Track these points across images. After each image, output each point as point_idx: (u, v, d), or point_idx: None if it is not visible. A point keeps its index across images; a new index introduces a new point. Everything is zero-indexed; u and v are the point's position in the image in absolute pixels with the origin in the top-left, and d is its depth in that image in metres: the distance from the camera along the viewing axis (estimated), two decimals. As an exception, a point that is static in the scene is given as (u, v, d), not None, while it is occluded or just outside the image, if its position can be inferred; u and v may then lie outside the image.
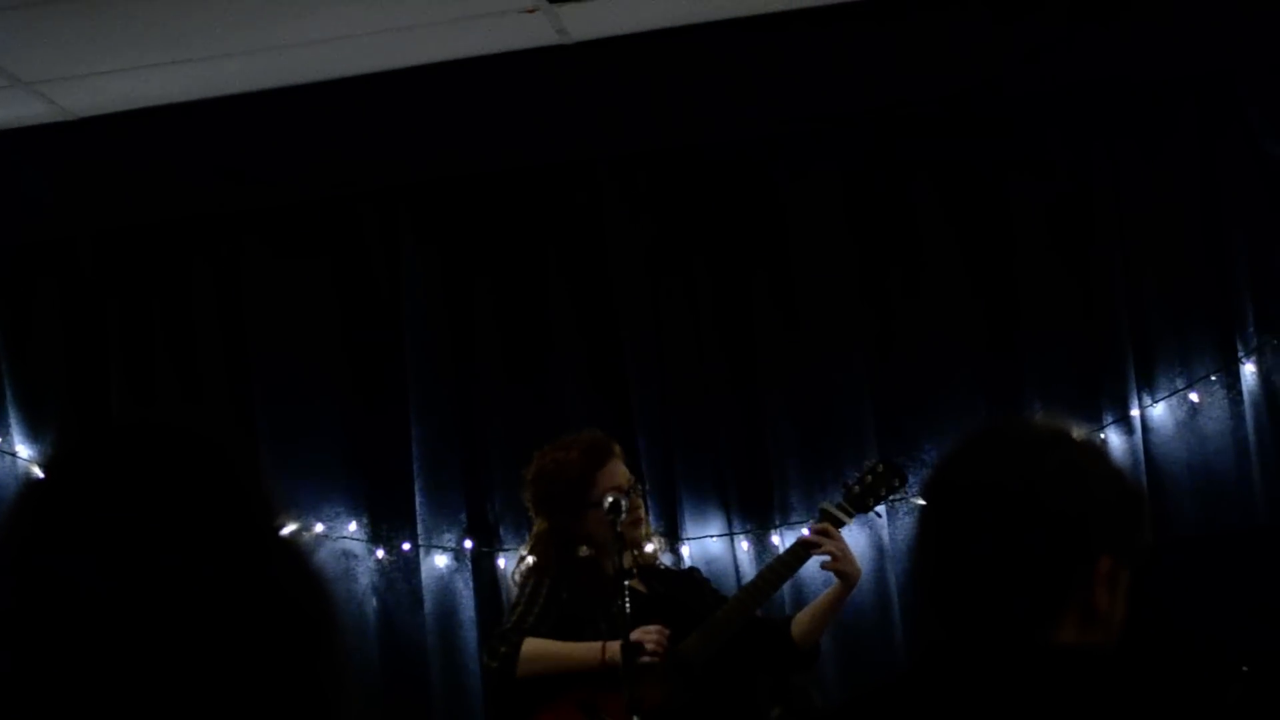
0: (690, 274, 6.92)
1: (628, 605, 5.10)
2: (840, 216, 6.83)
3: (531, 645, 5.35)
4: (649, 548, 5.74)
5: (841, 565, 5.46)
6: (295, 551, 1.85)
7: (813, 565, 5.63)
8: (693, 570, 6.04)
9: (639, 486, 5.65)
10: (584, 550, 5.48)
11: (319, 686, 1.79)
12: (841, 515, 5.57)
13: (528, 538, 5.80)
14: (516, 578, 5.71)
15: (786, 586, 5.98)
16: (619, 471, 5.54)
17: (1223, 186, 6.67)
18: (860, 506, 5.67)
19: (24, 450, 7.10)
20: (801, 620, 5.58)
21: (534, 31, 6.66)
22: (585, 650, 5.31)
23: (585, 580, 5.46)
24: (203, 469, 1.81)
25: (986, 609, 2.35)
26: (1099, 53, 6.67)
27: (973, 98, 6.74)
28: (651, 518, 6.29)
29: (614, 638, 5.26)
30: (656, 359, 6.89)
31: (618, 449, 5.64)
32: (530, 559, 5.63)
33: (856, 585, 5.58)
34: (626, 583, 5.19)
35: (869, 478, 5.70)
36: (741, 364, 6.86)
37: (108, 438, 1.87)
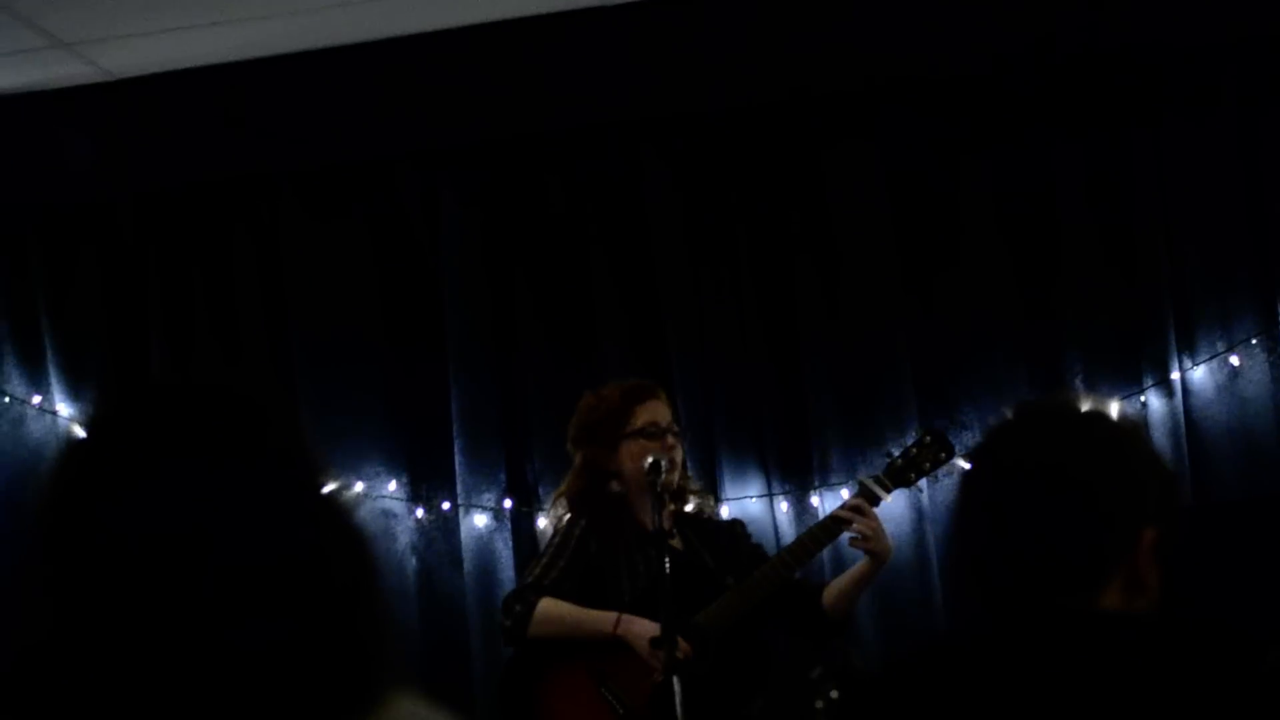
0: (731, 236, 6.90)
1: (668, 566, 5.04)
2: (881, 180, 6.81)
3: (546, 607, 5.33)
4: (692, 503, 5.67)
5: (871, 544, 5.33)
6: (337, 508, 1.85)
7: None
8: (735, 523, 5.93)
9: (678, 428, 5.56)
10: (615, 486, 5.43)
11: (360, 643, 1.79)
12: (879, 490, 5.44)
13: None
14: (550, 521, 5.66)
15: (826, 550, 5.90)
16: (659, 409, 5.49)
17: (1264, 151, 6.63)
18: (901, 481, 5.55)
19: (64, 409, 7.14)
20: (832, 591, 5.48)
21: (577, -9, 6.66)
22: (597, 619, 5.28)
23: (613, 528, 5.43)
24: (245, 427, 1.82)
25: (1034, 577, 2.38)
26: (1140, 19, 6.63)
27: (1014, 65, 6.71)
28: (691, 478, 6.23)
29: (635, 596, 5.29)
30: (696, 319, 6.88)
31: (663, 394, 5.59)
32: (561, 509, 5.57)
33: (887, 563, 5.44)
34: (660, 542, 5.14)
35: (914, 450, 5.58)
36: (781, 325, 6.85)
37: (150, 396, 1.87)
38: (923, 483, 6.37)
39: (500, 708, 5.39)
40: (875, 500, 5.42)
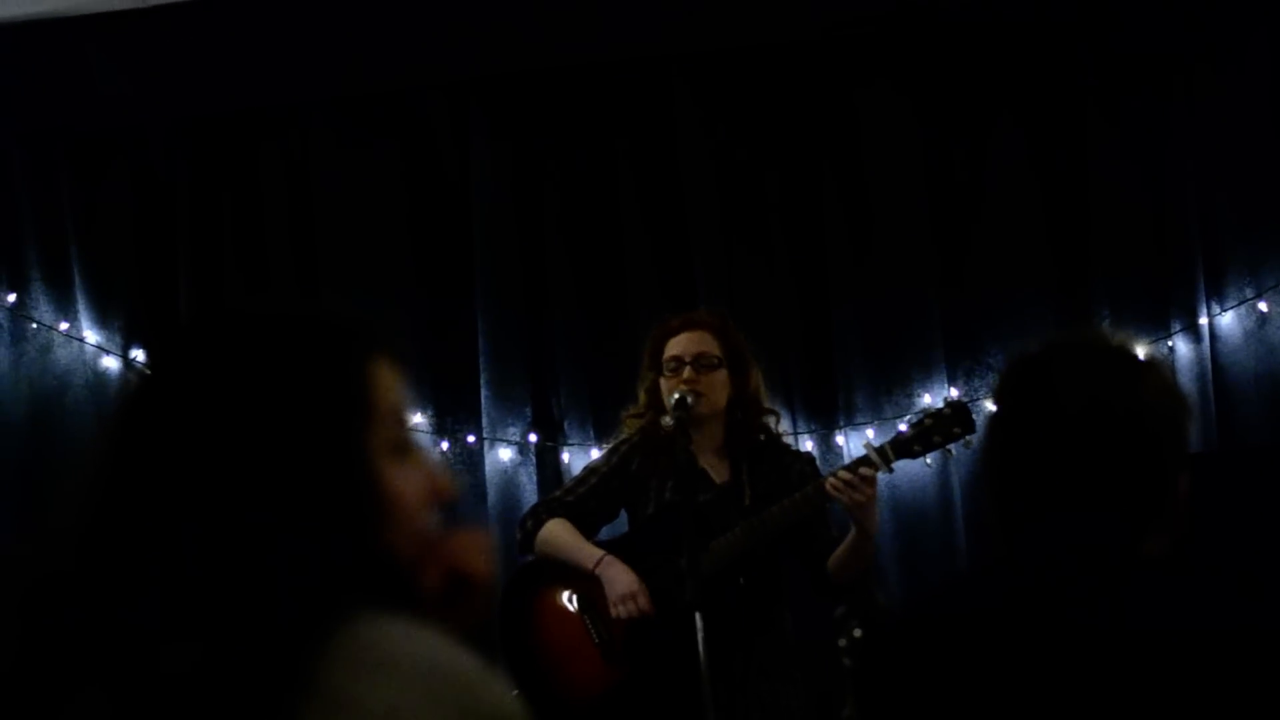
0: (761, 174, 6.89)
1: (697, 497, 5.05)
2: (912, 122, 6.80)
3: (551, 528, 5.43)
4: (771, 423, 5.55)
5: (858, 516, 5.15)
6: None
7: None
8: (802, 460, 5.62)
9: (717, 359, 5.38)
10: (666, 421, 5.38)
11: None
12: (879, 461, 5.18)
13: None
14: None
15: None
16: (685, 342, 5.38)
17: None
18: (904, 453, 5.25)
19: (91, 336, 7.15)
20: (833, 558, 5.30)
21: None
22: (586, 554, 5.35)
23: (654, 453, 5.43)
24: (311, 357, 1.83)
25: (1072, 522, 2.35)
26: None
27: (1049, 8, 6.68)
28: (769, 409, 5.98)
29: (648, 520, 5.36)
30: (724, 256, 6.88)
31: (707, 325, 5.46)
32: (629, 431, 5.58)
33: (872, 536, 5.24)
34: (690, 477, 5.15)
35: (927, 421, 5.29)
36: (810, 264, 6.84)
37: (219, 323, 1.87)
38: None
39: (500, 610, 5.44)
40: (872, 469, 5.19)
